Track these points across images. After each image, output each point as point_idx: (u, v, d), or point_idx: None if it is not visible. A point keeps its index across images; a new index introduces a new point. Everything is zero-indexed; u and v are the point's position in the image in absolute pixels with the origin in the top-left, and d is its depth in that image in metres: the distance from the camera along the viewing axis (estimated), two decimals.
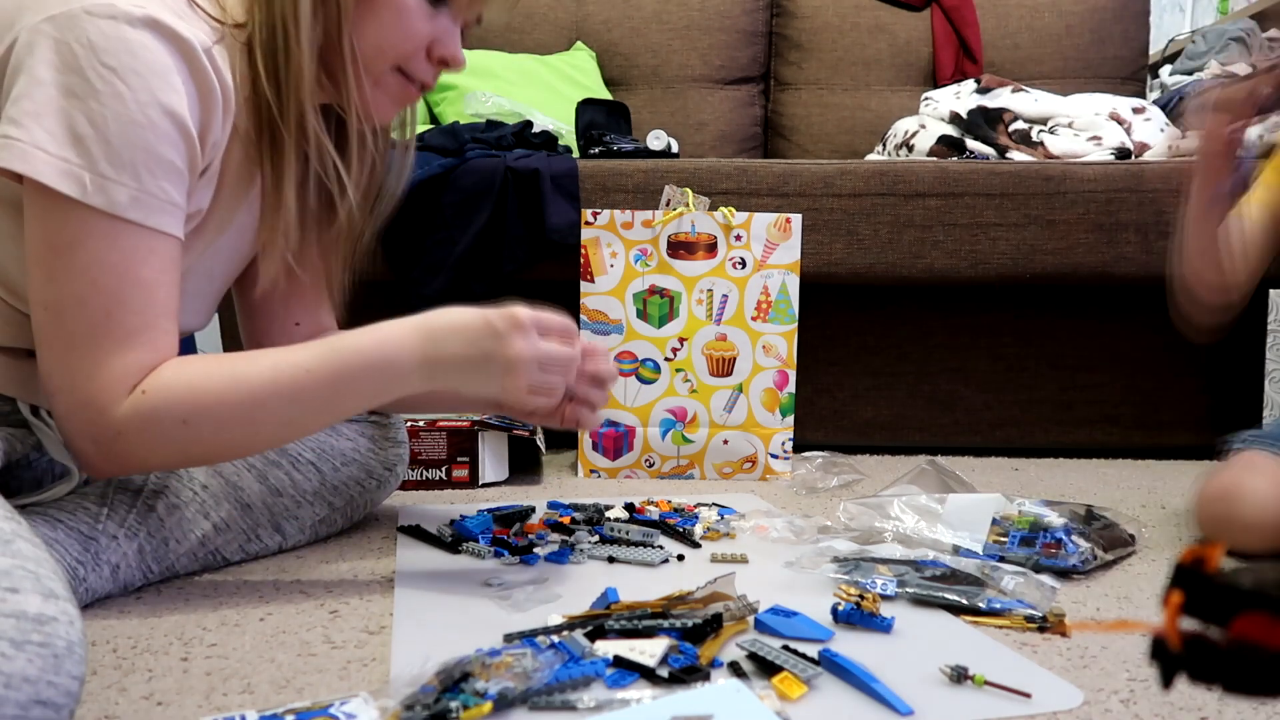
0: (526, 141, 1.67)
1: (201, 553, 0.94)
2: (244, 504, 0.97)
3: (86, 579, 0.84)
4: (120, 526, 0.87)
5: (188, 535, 0.92)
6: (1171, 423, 1.65)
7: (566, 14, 2.24)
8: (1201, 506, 1.08)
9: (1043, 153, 1.69)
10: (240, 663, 0.75)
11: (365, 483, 1.09)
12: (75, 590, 0.82)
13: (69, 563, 0.82)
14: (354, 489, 1.08)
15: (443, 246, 1.55)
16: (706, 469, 1.46)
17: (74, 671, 0.59)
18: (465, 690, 0.65)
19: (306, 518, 1.03)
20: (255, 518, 0.98)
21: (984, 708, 0.66)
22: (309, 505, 1.03)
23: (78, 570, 0.83)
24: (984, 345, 1.65)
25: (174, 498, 0.91)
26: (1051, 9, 2.19)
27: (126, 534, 0.87)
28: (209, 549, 0.95)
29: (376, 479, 1.11)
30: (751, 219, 1.43)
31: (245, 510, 0.97)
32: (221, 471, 0.95)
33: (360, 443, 1.09)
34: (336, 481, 1.06)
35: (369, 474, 1.10)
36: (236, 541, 0.97)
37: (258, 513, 0.98)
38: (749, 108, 2.24)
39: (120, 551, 0.87)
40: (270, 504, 0.99)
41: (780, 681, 0.68)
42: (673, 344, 1.44)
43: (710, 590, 0.81)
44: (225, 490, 0.95)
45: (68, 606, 0.60)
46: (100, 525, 0.86)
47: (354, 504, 1.09)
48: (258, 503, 0.98)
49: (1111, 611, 0.88)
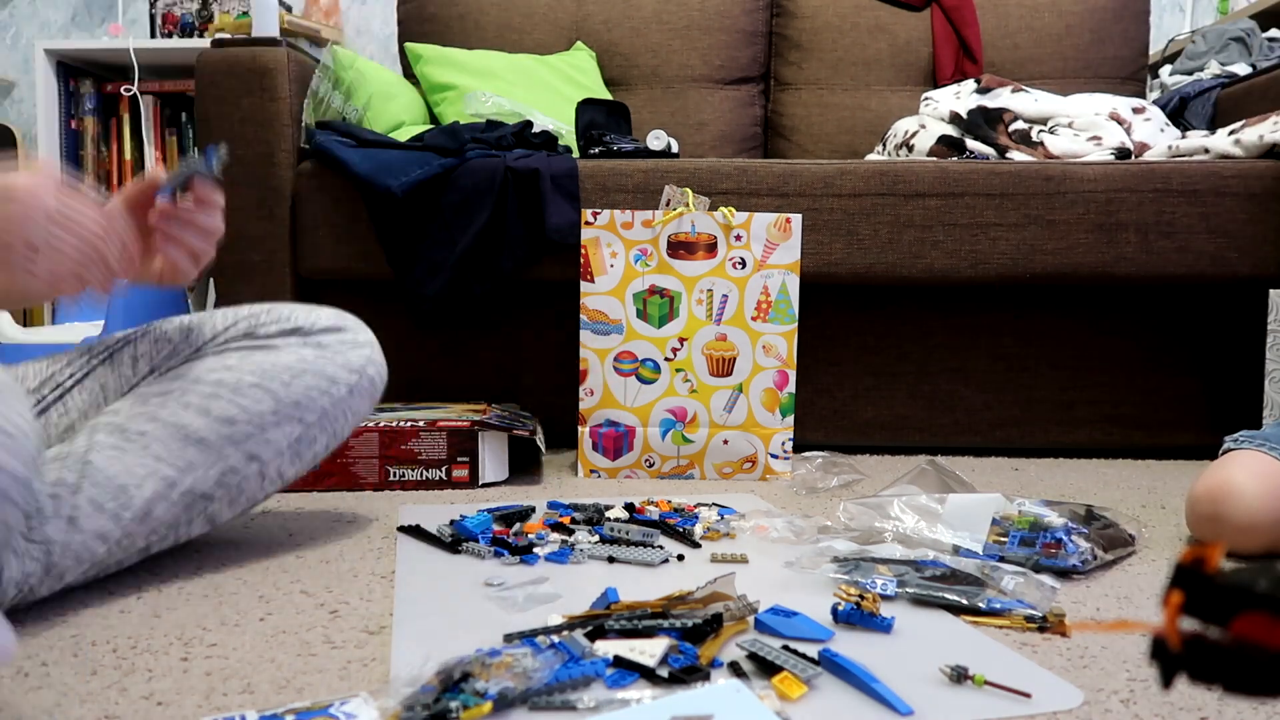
0: (526, 141, 1.67)
1: (175, 494, 0.91)
2: (197, 439, 0.93)
3: (50, 535, 0.83)
4: (60, 487, 0.85)
5: (146, 480, 0.90)
6: (1171, 423, 1.65)
7: (566, 14, 2.24)
8: (1191, 507, 1.08)
9: (1043, 153, 1.69)
10: (240, 663, 0.75)
11: (331, 390, 1.02)
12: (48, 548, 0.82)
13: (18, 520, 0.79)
14: (321, 400, 1.01)
15: (443, 246, 1.55)
16: (706, 469, 1.46)
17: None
18: (465, 690, 0.65)
19: (279, 439, 0.99)
20: (217, 449, 0.94)
21: (984, 708, 0.66)
22: (275, 427, 0.98)
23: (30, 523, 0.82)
24: (984, 345, 1.65)
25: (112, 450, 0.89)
26: (1051, 9, 2.19)
27: (70, 491, 0.85)
28: (181, 489, 0.92)
29: (345, 385, 1.03)
30: (751, 219, 1.43)
31: (201, 446, 0.94)
32: (157, 415, 0.93)
33: (305, 353, 1.02)
34: (294, 397, 0.99)
35: (331, 380, 1.02)
36: (211, 476, 0.94)
37: (216, 444, 0.94)
38: (749, 108, 2.24)
39: (69, 504, 0.85)
40: (227, 434, 0.95)
41: (780, 681, 0.68)
42: (673, 344, 1.44)
43: (710, 590, 0.81)
44: (169, 432, 0.92)
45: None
46: (37, 485, 0.83)
47: (328, 416, 1.02)
48: (211, 435, 0.94)
49: (1111, 611, 0.88)
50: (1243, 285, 1.58)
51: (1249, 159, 1.58)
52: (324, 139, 1.60)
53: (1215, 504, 1.04)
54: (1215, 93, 1.96)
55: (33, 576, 0.82)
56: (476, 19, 2.22)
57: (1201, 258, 1.54)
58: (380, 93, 1.84)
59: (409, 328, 1.66)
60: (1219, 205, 1.53)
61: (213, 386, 0.96)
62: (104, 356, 1.02)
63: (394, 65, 2.69)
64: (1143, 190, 1.53)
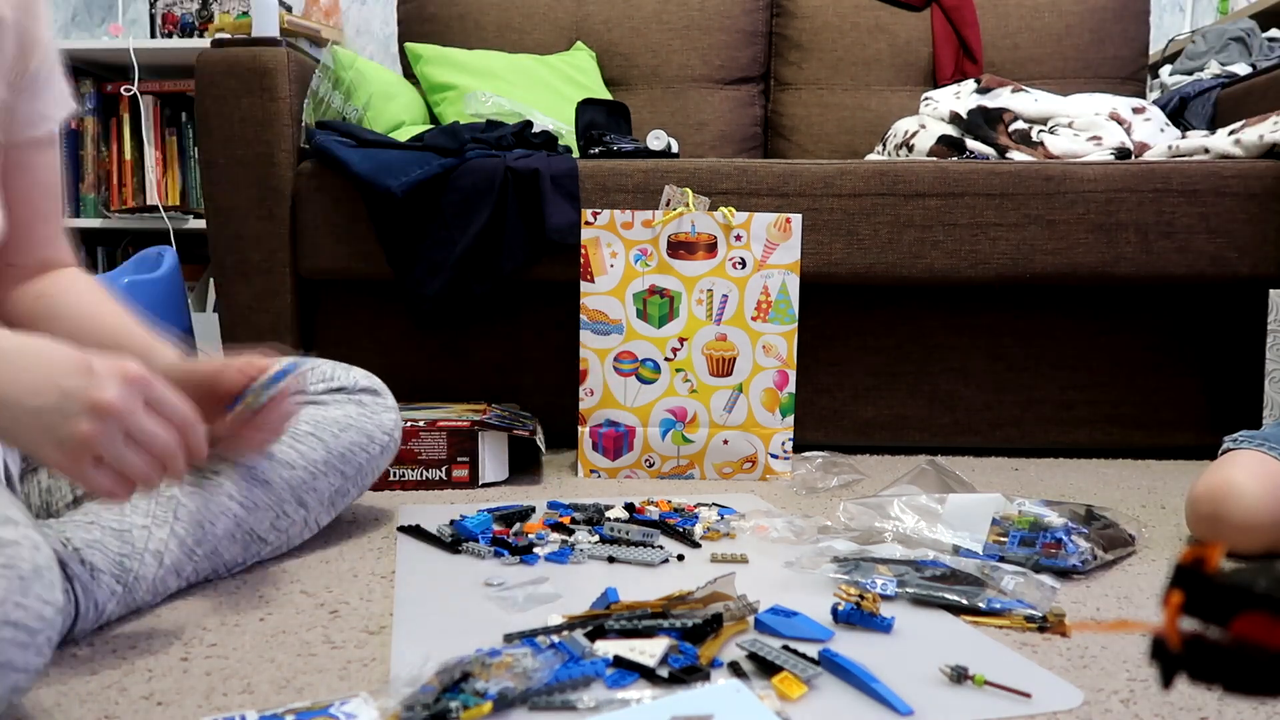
0: (526, 141, 1.67)
1: (239, 534, 0.94)
2: (263, 481, 0.97)
3: (133, 569, 0.83)
4: (145, 517, 0.87)
5: (220, 517, 0.92)
6: (1171, 423, 1.65)
7: (566, 14, 2.24)
8: (1191, 507, 1.08)
9: (1043, 153, 1.69)
10: (240, 663, 0.75)
11: (369, 448, 1.08)
12: (126, 581, 0.82)
13: (113, 555, 0.82)
14: (360, 455, 1.07)
15: (443, 246, 1.55)
16: (706, 469, 1.46)
17: (44, 595, 0.58)
18: (465, 690, 0.65)
19: (324, 489, 1.03)
20: (278, 493, 0.98)
21: (984, 708, 0.66)
22: (323, 476, 1.02)
23: (123, 562, 0.83)
24: (984, 345, 1.65)
25: (190, 485, 0.91)
26: (1051, 9, 2.19)
27: (155, 522, 0.87)
28: (245, 529, 0.95)
29: (379, 444, 1.09)
30: (751, 219, 1.43)
31: (266, 487, 0.97)
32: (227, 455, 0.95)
33: (349, 409, 1.08)
34: (341, 449, 1.05)
35: (369, 439, 1.08)
36: (267, 519, 0.97)
37: (279, 488, 0.98)
38: (749, 108, 2.24)
39: (157, 538, 0.86)
40: (287, 477, 0.99)
41: (780, 681, 0.68)
42: (673, 344, 1.44)
43: (710, 590, 0.81)
44: (241, 471, 0.96)
45: (29, 532, 0.59)
46: (126, 519, 0.86)
47: (362, 472, 1.08)
48: (275, 478, 0.98)
49: (1111, 611, 0.88)
50: (1243, 285, 1.58)
51: (1249, 159, 1.58)
52: (324, 139, 1.60)
53: (1215, 504, 1.04)
54: (1215, 93, 1.96)
55: (112, 610, 0.82)
56: (476, 19, 2.22)
57: (1201, 258, 1.54)
58: (380, 93, 1.84)
59: (409, 328, 1.66)
60: (1219, 205, 1.53)
61: None
62: None
63: (394, 65, 2.69)
64: (1143, 190, 1.53)
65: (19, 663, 0.58)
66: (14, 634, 0.57)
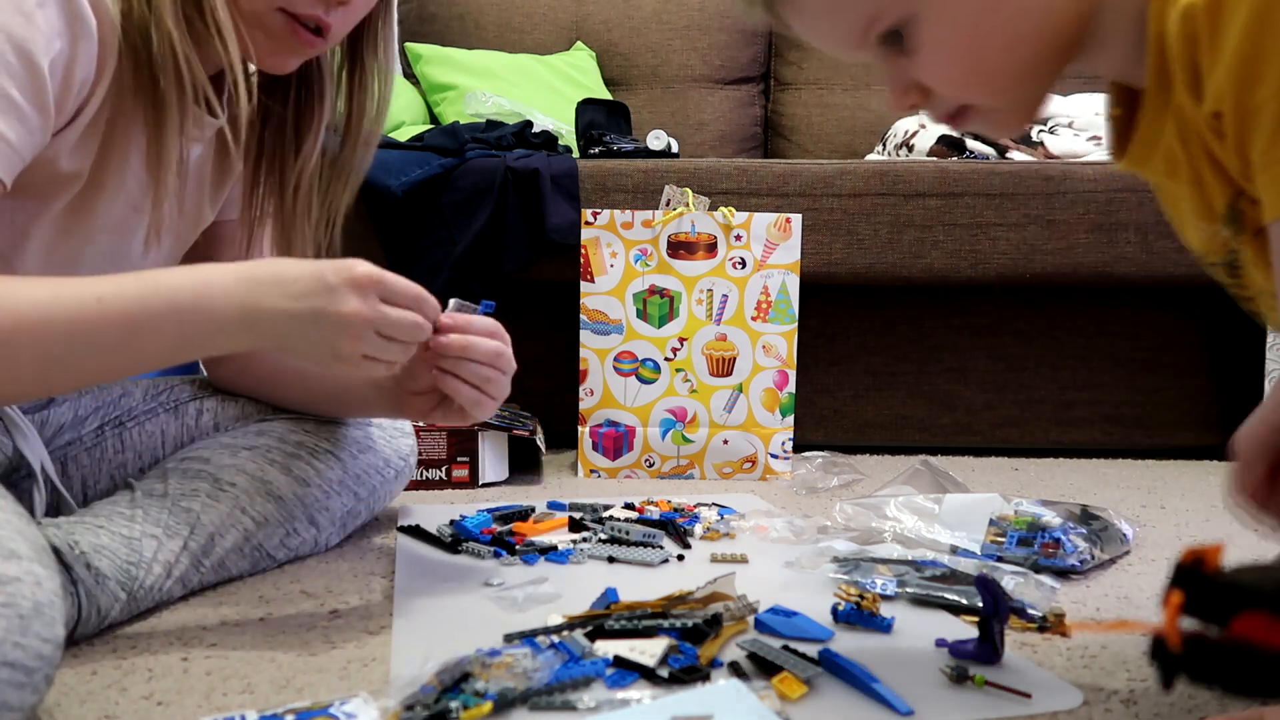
0: (526, 141, 1.67)
1: (248, 548, 0.94)
2: (276, 496, 0.96)
3: (140, 578, 0.83)
4: (157, 526, 0.86)
5: (229, 531, 0.92)
6: (1171, 423, 1.65)
7: (566, 14, 2.24)
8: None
9: (1043, 153, 1.69)
10: (240, 663, 0.75)
11: (384, 471, 1.09)
12: (130, 589, 0.82)
13: (120, 563, 0.81)
14: (375, 478, 1.07)
15: (443, 246, 1.55)
16: (706, 469, 1.46)
17: (44, 633, 0.57)
18: (465, 690, 0.65)
19: (336, 509, 1.02)
20: (290, 510, 0.97)
21: (984, 708, 0.66)
22: (337, 496, 1.02)
23: (130, 570, 0.82)
24: (984, 345, 1.65)
25: (207, 497, 0.91)
26: None
27: (166, 533, 0.86)
28: (254, 544, 0.94)
29: (394, 469, 1.10)
30: (751, 219, 1.43)
31: (279, 503, 0.96)
32: (245, 469, 0.95)
33: (370, 431, 1.08)
34: (358, 470, 1.05)
35: (386, 463, 1.09)
36: (277, 535, 0.96)
37: (291, 505, 0.98)
38: (749, 108, 2.24)
39: (168, 549, 0.86)
40: (300, 495, 0.98)
41: (780, 681, 0.68)
42: (673, 344, 1.44)
43: (710, 590, 0.81)
44: (255, 485, 0.95)
45: (32, 567, 0.59)
46: (138, 527, 0.85)
47: (376, 495, 1.08)
48: (288, 494, 0.97)
49: (1111, 611, 0.88)
50: None
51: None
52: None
53: None
54: None
55: (114, 616, 0.82)
56: (476, 19, 2.22)
57: None
58: None
59: None
60: None
61: (294, 447, 1.00)
62: (170, 406, 1.04)
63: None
64: (1143, 190, 1.53)
65: (14, 702, 0.57)
66: (10, 675, 0.56)
